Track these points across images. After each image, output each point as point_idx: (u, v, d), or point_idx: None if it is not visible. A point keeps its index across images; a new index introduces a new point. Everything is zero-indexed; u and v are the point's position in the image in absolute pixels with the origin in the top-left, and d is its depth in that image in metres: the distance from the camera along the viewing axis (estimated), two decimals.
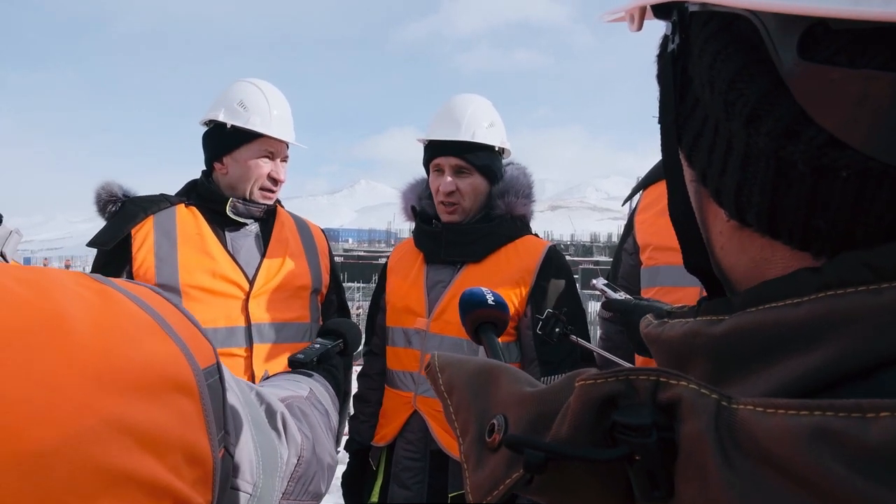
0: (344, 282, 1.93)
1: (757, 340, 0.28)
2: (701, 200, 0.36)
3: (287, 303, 1.64)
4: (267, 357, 1.57)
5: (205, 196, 1.65)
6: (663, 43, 0.37)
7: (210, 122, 1.67)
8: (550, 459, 0.31)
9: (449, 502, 1.61)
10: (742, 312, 0.29)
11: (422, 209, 1.78)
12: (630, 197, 1.83)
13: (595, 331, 2.22)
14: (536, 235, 1.76)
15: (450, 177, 1.65)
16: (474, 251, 1.66)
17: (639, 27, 0.38)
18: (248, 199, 1.64)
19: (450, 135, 1.65)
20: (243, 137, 1.62)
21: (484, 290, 0.91)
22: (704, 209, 0.36)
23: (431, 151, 1.70)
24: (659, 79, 0.38)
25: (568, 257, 1.84)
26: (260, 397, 0.68)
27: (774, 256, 0.31)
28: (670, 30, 0.36)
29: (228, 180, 1.64)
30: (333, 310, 1.84)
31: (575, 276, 1.75)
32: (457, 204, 1.66)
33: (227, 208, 1.62)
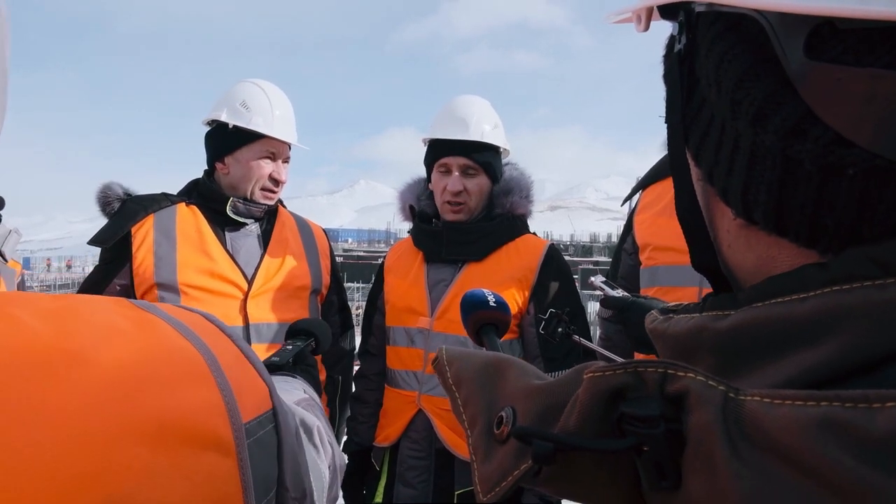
0: (343, 282, 1.93)
1: (763, 335, 0.28)
2: (708, 199, 0.36)
3: (286, 303, 1.64)
4: (265, 357, 1.57)
5: (206, 195, 1.65)
6: (670, 43, 0.38)
7: (212, 122, 1.67)
8: (559, 450, 0.31)
9: (455, 500, 1.61)
10: (748, 307, 0.29)
11: (421, 209, 1.78)
12: (629, 197, 1.83)
13: (595, 331, 2.22)
14: (535, 234, 1.77)
15: (457, 177, 1.66)
16: (476, 250, 1.67)
17: (646, 28, 0.38)
18: (249, 200, 1.64)
19: (458, 134, 1.66)
20: (245, 138, 1.62)
21: (485, 292, 0.91)
22: (711, 208, 0.36)
23: (437, 151, 1.70)
24: (665, 79, 0.38)
25: (567, 257, 1.85)
26: (293, 412, 0.61)
27: (781, 254, 0.31)
28: (677, 30, 0.36)
29: (230, 180, 1.64)
30: (334, 310, 1.83)
31: (574, 277, 1.76)
32: (464, 204, 1.67)
33: (228, 208, 1.62)
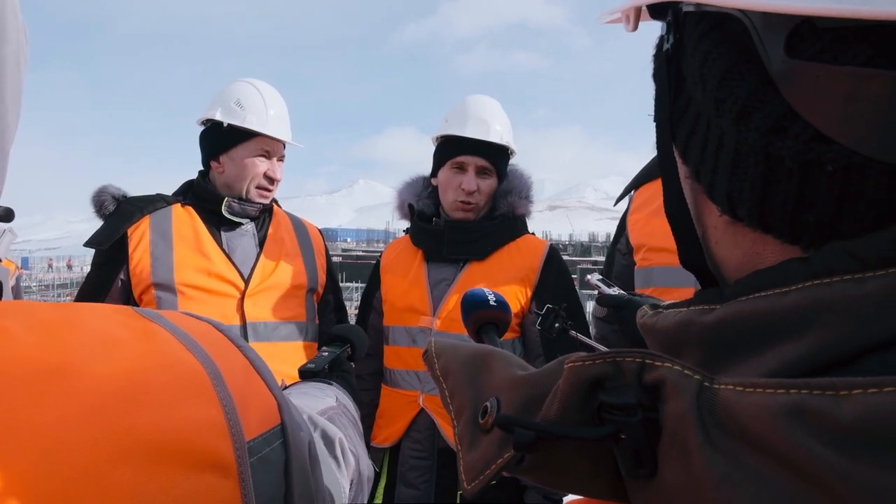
0: (342, 281, 1.93)
1: (747, 329, 0.29)
2: (695, 196, 0.37)
3: (282, 302, 1.64)
4: (263, 356, 1.56)
5: (201, 196, 1.65)
6: (659, 42, 0.38)
7: (207, 122, 1.67)
8: (540, 439, 0.31)
9: (458, 500, 1.61)
10: (733, 301, 0.30)
11: (420, 208, 1.78)
12: (622, 196, 1.82)
13: (591, 330, 2.22)
14: (534, 234, 1.77)
15: (473, 176, 1.66)
16: (478, 249, 1.67)
17: (634, 27, 0.39)
18: (244, 199, 1.64)
19: (480, 134, 1.65)
20: (239, 136, 1.62)
21: (485, 291, 0.92)
22: (699, 205, 0.37)
23: (454, 148, 1.68)
24: (654, 77, 0.39)
25: (567, 257, 1.86)
26: (313, 423, 0.60)
27: (766, 250, 0.32)
28: (665, 29, 0.37)
29: (225, 179, 1.64)
30: (330, 309, 1.83)
31: (574, 276, 1.77)
32: (475, 204, 1.68)
33: (223, 208, 1.62)
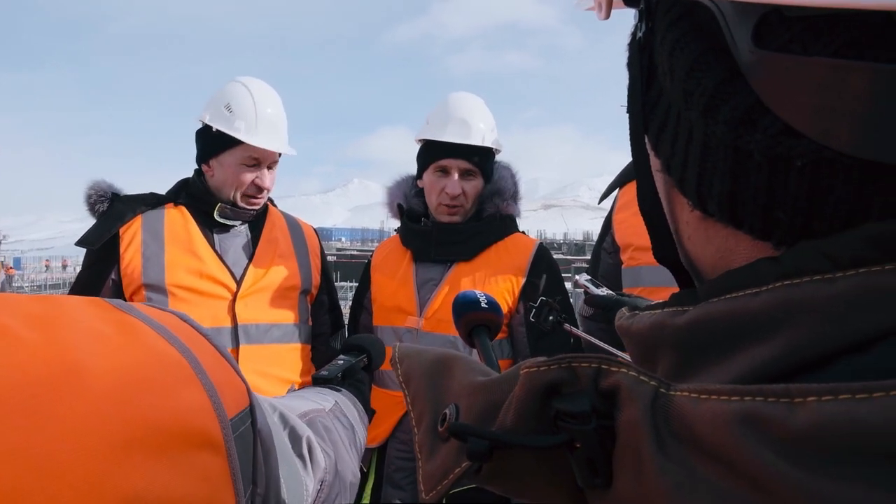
0: (337, 281, 1.91)
1: (718, 331, 0.28)
2: (667, 190, 0.36)
3: (275, 303, 1.63)
4: (254, 358, 1.56)
5: (195, 195, 1.63)
6: (633, 31, 0.37)
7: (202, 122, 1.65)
8: (494, 448, 0.31)
9: (444, 502, 1.60)
10: (705, 303, 0.29)
11: (409, 207, 1.77)
12: (606, 195, 1.81)
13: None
14: (524, 233, 1.77)
15: (457, 179, 1.64)
16: (465, 250, 1.66)
17: (606, 15, 0.38)
18: (235, 205, 1.62)
19: (461, 137, 1.63)
20: (227, 142, 1.57)
21: (477, 293, 0.92)
22: (671, 199, 0.36)
23: (436, 152, 1.67)
24: (628, 66, 0.37)
25: (561, 256, 1.85)
26: (284, 419, 0.63)
27: (738, 247, 0.31)
28: (637, 17, 0.36)
29: (214, 183, 1.62)
30: (325, 310, 1.81)
31: (568, 275, 1.76)
32: (461, 206, 1.66)
33: (216, 212, 1.60)
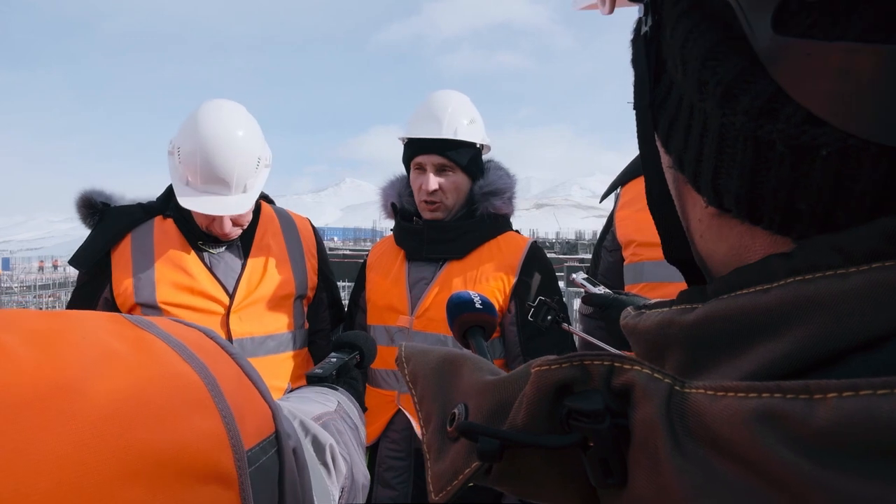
0: None
1: (727, 328, 0.28)
2: (678, 187, 0.35)
3: (269, 314, 1.60)
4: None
5: (182, 211, 1.59)
6: (637, 25, 0.36)
7: None
8: (505, 447, 0.30)
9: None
10: (715, 300, 0.29)
11: (402, 207, 1.77)
12: (608, 193, 1.81)
13: (576, 328, 2.22)
14: (518, 232, 1.76)
15: (432, 175, 1.64)
16: (457, 248, 1.65)
17: (610, 10, 0.37)
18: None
19: (432, 132, 1.63)
20: None
21: (471, 294, 0.91)
22: (683, 196, 0.35)
23: (413, 149, 1.68)
24: (633, 63, 0.37)
25: (553, 255, 1.85)
26: (305, 428, 0.61)
27: (754, 243, 0.30)
28: (642, 11, 0.35)
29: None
30: (323, 307, 1.79)
31: (560, 274, 1.76)
32: (439, 202, 1.66)
33: (198, 240, 1.57)
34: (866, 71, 0.23)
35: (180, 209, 1.58)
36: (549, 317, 1.10)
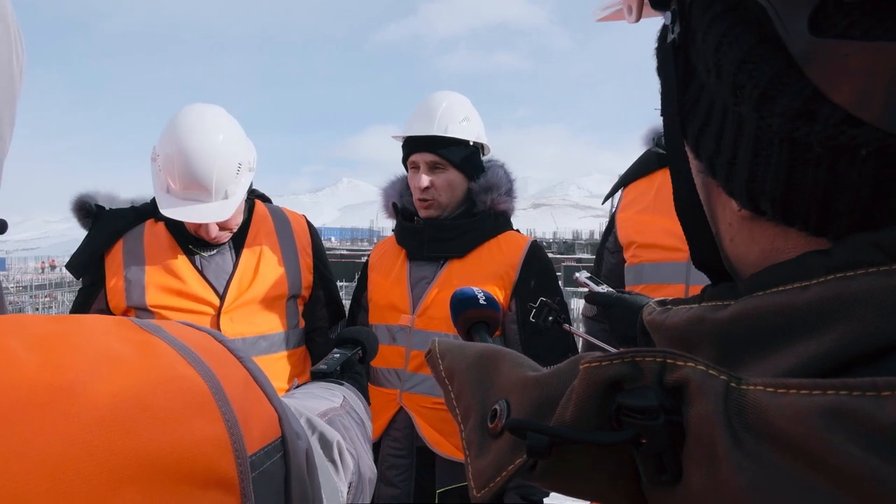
0: None
1: (764, 325, 0.28)
2: (709, 192, 0.35)
3: (261, 315, 1.60)
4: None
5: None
6: (662, 34, 0.37)
7: None
8: (554, 444, 0.30)
9: (437, 499, 1.60)
10: (749, 297, 0.29)
11: (403, 206, 1.78)
12: (610, 195, 1.83)
13: (578, 328, 2.23)
14: (518, 231, 1.77)
15: (424, 173, 1.65)
16: (457, 247, 1.66)
17: (637, 18, 0.37)
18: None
19: (423, 130, 1.65)
20: None
21: (475, 290, 0.91)
22: (713, 201, 0.35)
23: (408, 148, 1.71)
24: (659, 71, 0.37)
25: (551, 255, 1.85)
26: (312, 426, 0.61)
27: (787, 245, 0.30)
28: (670, 19, 0.35)
29: None
30: (321, 306, 1.78)
31: (557, 273, 1.77)
32: (432, 200, 1.66)
33: (189, 243, 1.57)
34: None
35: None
36: (551, 317, 1.11)
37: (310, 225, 1.81)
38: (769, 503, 0.23)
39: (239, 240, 1.64)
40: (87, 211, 1.59)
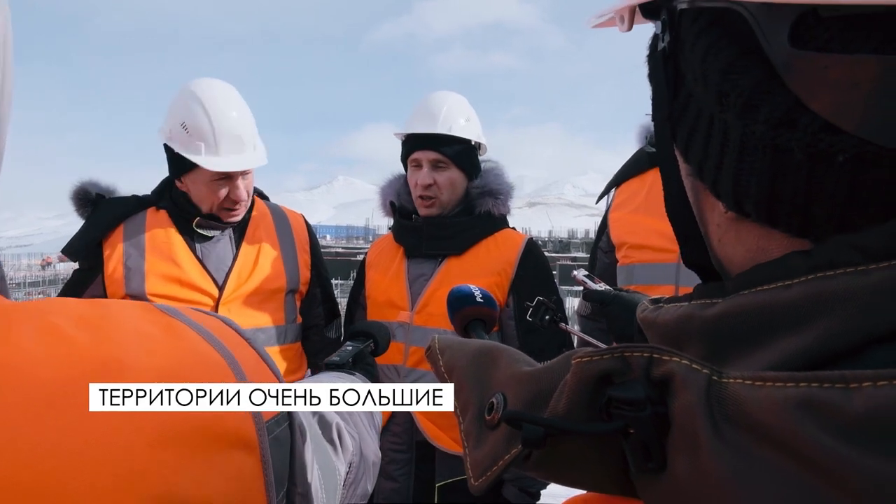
0: None
1: (749, 322, 0.29)
2: (698, 194, 0.37)
3: (260, 307, 1.61)
4: None
5: (176, 202, 1.60)
6: (653, 43, 0.38)
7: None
8: (548, 434, 0.31)
9: (436, 492, 1.62)
10: (735, 295, 0.30)
11: (401, 205, 1.79)
12: (604, 194, 1.84)
13: (573, 326, 2.24)
14: (514, 229, 1.78)
15: (427, 171, 1.66)
16: (455, 244, 1.68)
17: (629, 27, 0.38)
18: (215, 217, 1.58)
19: (427, 128, 1.66)
20: (191, 163, 1.50)
21: (472, 288, 0.92)
22: (701, 203, 0.37)
23: (409, 146, 1.71)
24: (650, 78, 0.38)
25: (546, 253, 1.87)
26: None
27: (772, 245, 0.32)
28: (660, 28, 0.36)
29: (191, 198, 1.58)
30: (317, 303, 1.80)
31: (553, 272, 1.78)
32: (434, 198, 1.68)
33: (194, 224, 1.57)
34: (883, 81, 0.25)
35: (174, 201, 1.59)
36: (547, 316, 1.12)
37: (307, 224, 1.83)
38: (747, 489, 0.24)
39: (239, 233, 1.66)
40: (88, 199, 1.58)
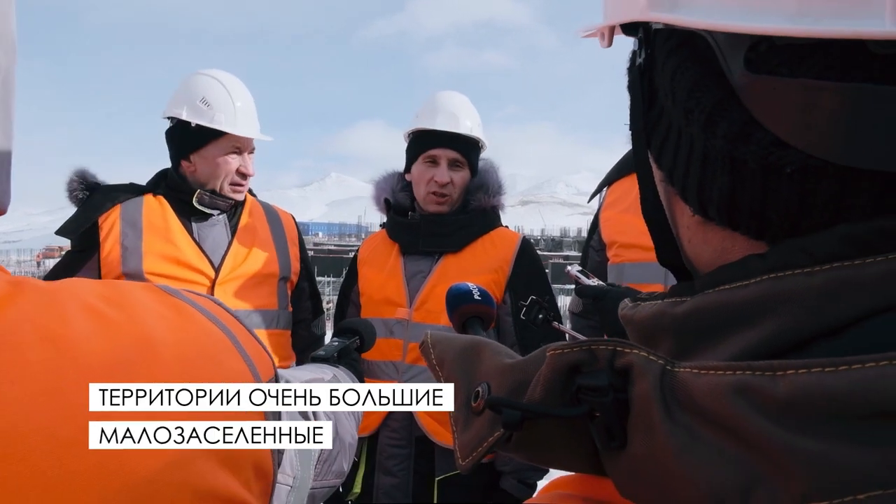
0: (314, 275, 1.95)
1: (712, 319, 0.32)
2: (669, 199, 0.40)
3: (254, 290, 1.65)
4: None
5: (174, 187, 1.65)
6: (632, 56, 0.41)
7: (172, 119, 1.64)
8: (525, 418, 0.35)
9: (436, 487, 1.63)
10: (701, 294, 0.33)
11: (396, 201, 1.80)
12: (595, 193, 1.87)
13: (566, 325, 2.26)
14: (507, 227, 1.81)
15: (445, 168, 1.68)
16: (453, 242, 1.70)
17: (608, 44, 0.41)
18: (217, 193, 1.64)
19: (450, 127, 1.68)
20: (210, 135, 1.61)
21: (470, 286, 0.93)
22: (673, 206, 0.40)
23: (425, 142, 1.71)
24: (629, 89, 0.41)
25: (539, 252, 1.89)
26: (286, 381, 0.69)
27: (734, 246, 0.35)
28: (637, 45, 0.39)
29: (197, 177, 1.63)
30: (305, 297, 1.84)
31: (545, 270, 1.80)
32: (448, 196, 1.70)
33: (194, 199, 1.61)
34: (822, 103, 0.28)
35: (172, 188, 1.64)
36: (541, 315, 1.14)
37: (296, 222, 1.89)
38: (693, 464, 0.27)
39: (234, 219, 1.71)
40: (85, 184, 1.61)
